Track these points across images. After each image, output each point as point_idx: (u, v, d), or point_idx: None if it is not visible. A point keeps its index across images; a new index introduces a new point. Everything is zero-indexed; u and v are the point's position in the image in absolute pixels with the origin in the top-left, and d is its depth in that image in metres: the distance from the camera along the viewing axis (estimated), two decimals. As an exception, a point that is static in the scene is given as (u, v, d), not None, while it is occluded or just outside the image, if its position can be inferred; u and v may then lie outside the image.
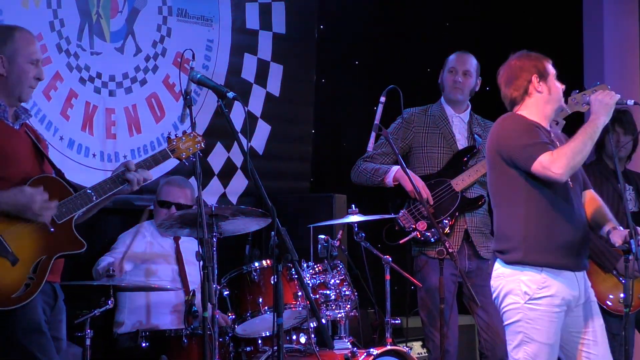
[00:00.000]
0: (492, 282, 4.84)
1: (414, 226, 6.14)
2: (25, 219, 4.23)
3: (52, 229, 4.29)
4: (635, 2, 7.84)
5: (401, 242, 6.18)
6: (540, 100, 4.80)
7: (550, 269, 4.66)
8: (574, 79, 7.70)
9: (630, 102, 4.82)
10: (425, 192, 6.14)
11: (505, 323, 4.78)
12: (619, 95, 4.74)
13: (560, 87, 4.82)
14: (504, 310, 4.76)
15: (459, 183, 6.23)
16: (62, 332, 4.49)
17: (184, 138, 4.67)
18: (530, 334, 4.66)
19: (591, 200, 4.93)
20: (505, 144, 4.71)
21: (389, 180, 6.22)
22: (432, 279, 6.12)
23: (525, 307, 4.67)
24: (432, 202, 6.17)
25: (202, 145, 4.68)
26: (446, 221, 6.16)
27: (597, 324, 4.79)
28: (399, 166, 6.16)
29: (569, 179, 4.71)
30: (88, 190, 4.39)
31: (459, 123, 6.40)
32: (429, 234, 6.12)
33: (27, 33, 4.47)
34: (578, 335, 4.77)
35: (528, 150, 4.62)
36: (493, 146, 4.79)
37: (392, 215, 6.21)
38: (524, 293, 4.67)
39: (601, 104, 4.69)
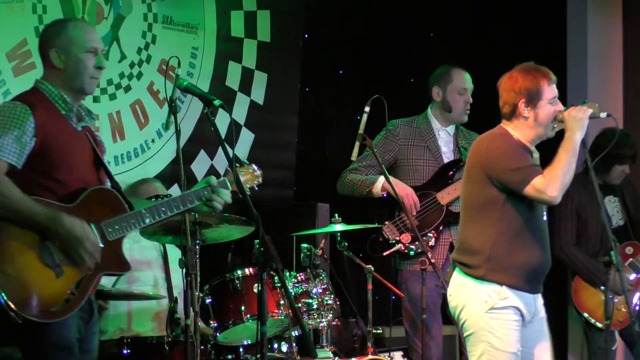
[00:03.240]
0: (450, 291, 4.86)
1: (398, 238, 6.15)
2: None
3: (103, 245, 4.13)
4: (619, 15, 7.88)
5: (384, 254, 6.18)
6: (524, 125, 4.78)
7: (509, 287, 4.70)
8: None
9: (604, 114, 4.84)
10: (413, 200, 6.14)
11: (466, 334, 4.79)
12: (592, 110, 4.76)
13: (551, 112, 4.77)
14: (463, 320, 4.77)
15: (445, 196, 6.23)
16: (95, 344, 4.35)
17: (242, 170, 4.56)
18: (493, 343, 4.68)
19: None
20: (494, 164, 4.70)
21: (377, 190, 6.22)
22: (415, 290, 6.13)
23: (487, 316, 4.69)
24: (418, 208, 6.17)
25: (260, 180, 4.58)
26: (430, 234, 6.16)
27: (546, 341, 4.84)
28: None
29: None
30: (142, 211, 4.25)
31: (445, 136, 6.39)
32: (412, 246, 6.13)
33: (82, 22, 4.40)
34: (524, 350, 4.78)
35: (521, 173, 4.64)
36: (479, 163, 4.77)
37: (375, 225, 6.21)
38: (485, 302, 4.70)
39: (575, 120, 4.70)
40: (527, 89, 4.75)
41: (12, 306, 3.92)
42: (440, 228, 6.21)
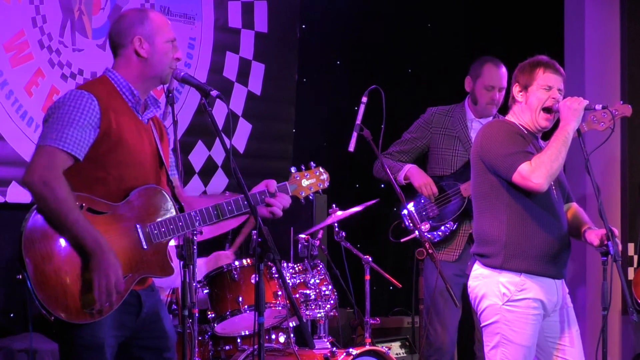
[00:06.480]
0: (470, 283, 4.86)
1: (418, 226, 6.16)
2: (120, 232, 3.96)
3: (146, 247, 4.01)
4: (617, 6, 7.87)
5: (401, 240, 6.21)
6: (519, 109, 4.83)
7: (529, 274, 4.70)
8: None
9: (599, 106, 4.84)
10: (431, 190, 6.20)
11: (483, 324, 4.79)
12: (587, 101, 4.77)
13: (542, 97, 4.78)
14: (481, 310, 4.78)
15: (468, 188, 6.20)
16: (165, 330, 4.18)
17: (307, 174, 4.39)
18: (508, 335, 4.68)
19: (571, 210, 4.97)
20: (487, 151, 4.74)
21: (400, 178, 6.31)
22: (431, 279, 6.18)
23: (504, 309, 4.69)
24: (435, 194, 6.23)
25: (326, 185, 4.36)
26: (448, 225, 6.18)
27: (574, 330, 4.82)
28: (411, 164, 6.36)
29: (553, 186, 4.75)
30: (192, 213, 4.09)
31: (478, 127, 6.36)
32: (429, 236, 6.16)
33: (159, 13, 4.21)
34: (554, 341, 4.80)
35: (508, 160, 4.66)
36: (477, 152, 4.81)
37: (372, 202, 6.17)
38: (503, 294, 4.69)
39: (569, 110, 4.71)
40: (522, 76, 4.83)
41: (44, 304, 3.84)
42: (460, 219, 6.23)
